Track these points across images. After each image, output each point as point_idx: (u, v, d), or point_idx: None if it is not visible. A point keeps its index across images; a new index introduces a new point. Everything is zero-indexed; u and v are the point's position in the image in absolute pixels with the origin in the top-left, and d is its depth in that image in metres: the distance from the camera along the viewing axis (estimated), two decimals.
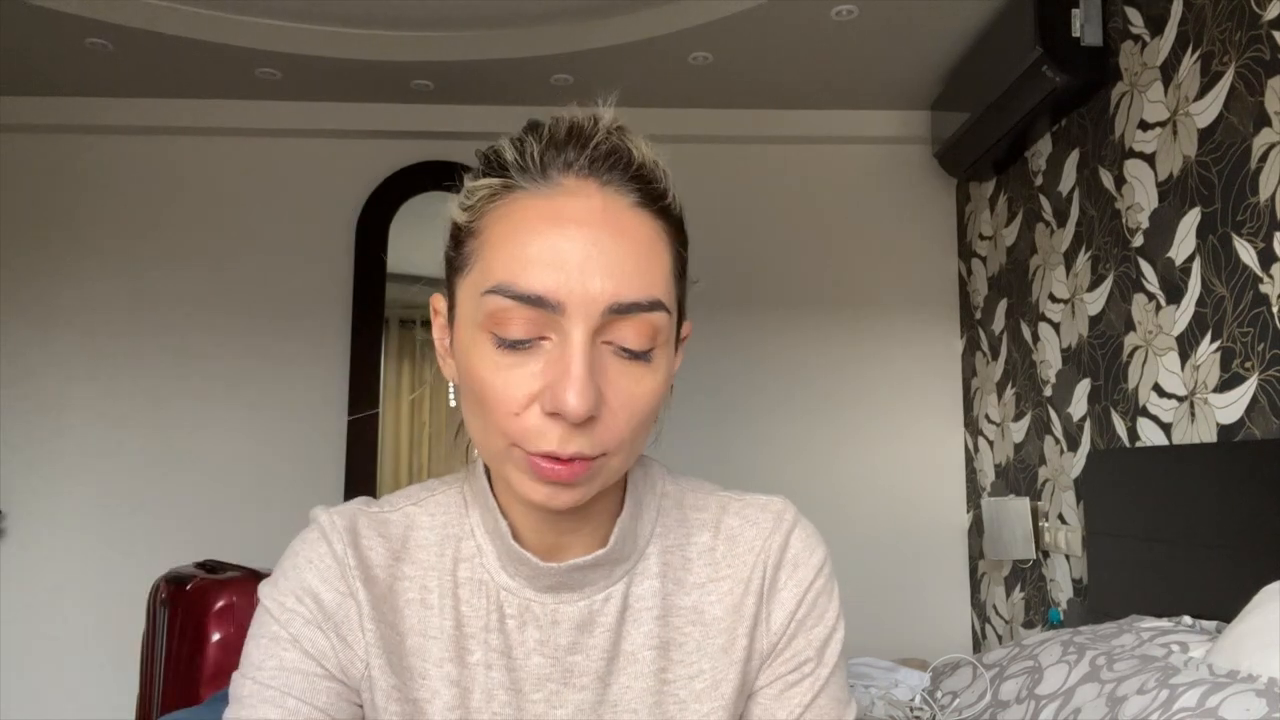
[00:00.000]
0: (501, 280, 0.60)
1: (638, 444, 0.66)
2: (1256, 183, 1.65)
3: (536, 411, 0.60)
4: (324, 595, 0.69)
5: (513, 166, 0.63)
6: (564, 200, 0.61)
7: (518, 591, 0.70)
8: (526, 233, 0.60)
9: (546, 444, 0.60)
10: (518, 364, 0.60)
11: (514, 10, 2.55)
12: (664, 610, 0.72)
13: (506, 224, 0.62)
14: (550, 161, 0.62)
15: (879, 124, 3.10)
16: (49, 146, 3.06)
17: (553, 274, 0.59)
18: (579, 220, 0.60)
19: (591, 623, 0.70)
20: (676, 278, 0.67)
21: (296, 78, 2.85)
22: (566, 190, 0.61)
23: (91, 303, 3.02)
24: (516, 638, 0.69)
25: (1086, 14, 2.16)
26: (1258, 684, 1.11)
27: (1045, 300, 2.51)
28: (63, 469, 2.96)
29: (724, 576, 0.74)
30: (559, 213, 0.60)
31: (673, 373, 0.68)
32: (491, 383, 0.61)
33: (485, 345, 0.61)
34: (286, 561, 0.71)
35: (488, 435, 0.63)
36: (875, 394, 3.08)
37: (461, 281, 0.65)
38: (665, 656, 0.71)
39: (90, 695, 2.85)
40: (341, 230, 3.09)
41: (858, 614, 3.00)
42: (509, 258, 0.60)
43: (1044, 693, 1.44)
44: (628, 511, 0.72)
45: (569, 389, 0.58)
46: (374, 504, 0.75)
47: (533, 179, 0.62)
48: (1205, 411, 1.80)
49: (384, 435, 3.02)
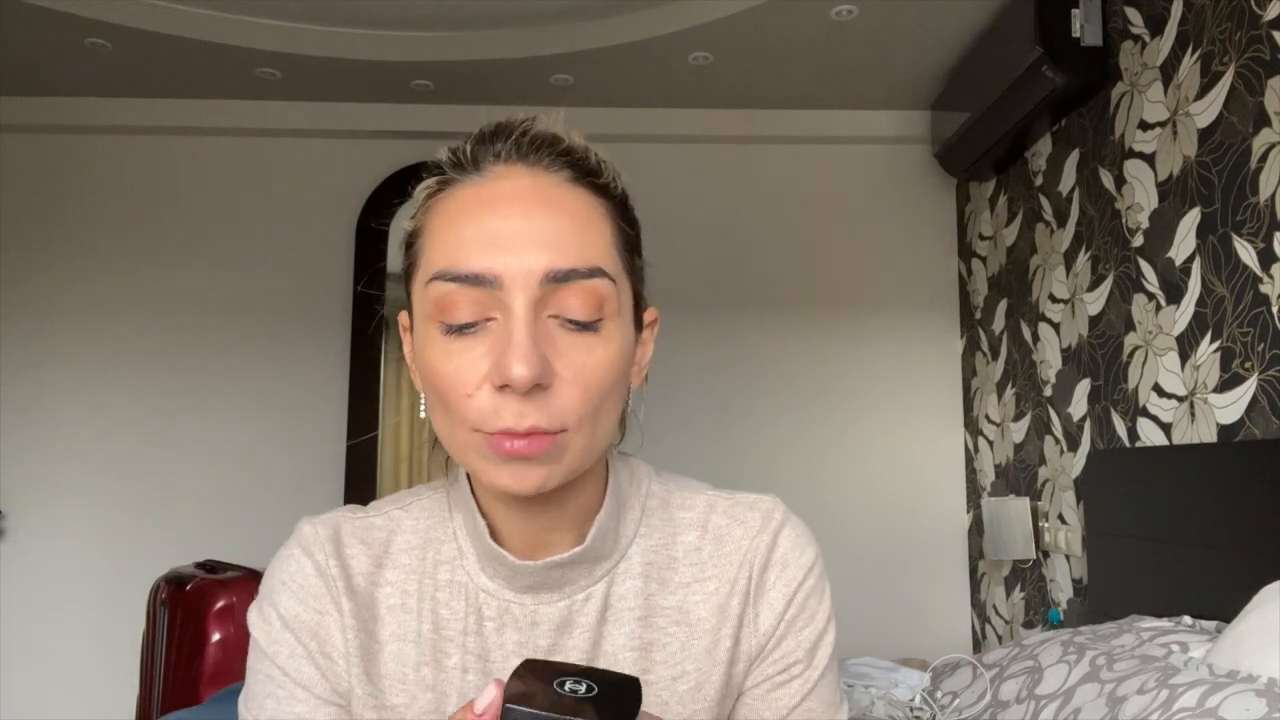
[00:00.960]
0: (442, 266, 0.62)
1: (601, 422, 0.64)
2: (1256, 183, 1.65)
3: (488, 390, 0.61)
4: (303, 616, 0.69)
5: (448, 165, 0.66)
6: (494, 184, 0.63)
7: (496, 593, 0.70)
8: (461, 218, 0.63)
9: (501, 421, 0.60)
10: (466, 349, 0.61)
11: (514, 10, 2.55)
12: (646, 611, 0.71)
13: (443, 216, 0.64)
14: (481, 154, 0.65)
15: (879, 124, 3.10)
16: (49, 146, 3.06)
17: (488, 252, 0.61)
18: (509, 198, 0.62)
19: (571, 623, 0.70)
20: (622, 251, 0.66)
21: (296, 78, 2.85)
22: (496, 175, 0.64)
23: (91, 302, 3.02)
24: (494, 640, 0.69)
25: (1086, 14, 2.16)
26: (1258, 684, 1.11)
27: (1045, 300, 2.51)
28: (63, 469, 2.96)
29: (710, 576, 0.73)
30: (490, 195, 0.63)
31: (633, 352, 0.67)
32: (443, 370, 0.62)
33: (435, 336, 0.62)
34: (266, 584, 0.71)
35: (451, 428, 0.64)
36: (875, 394, 3.08)
37: (413, 285, 0.66)
38: (647, 658, 0.71)
39: (90, 695, 2.85)
40: (341, 230, 3.09)
41: (858, 614, 3.01)
42: (446, 244, 0.62)
43: (1044, 693, 1.44)
44: (606, 509, 0.71)
45: (512, 356, 0.58)
46: (359, 510, 0.75)
47: (465, 171, 0.65)
48: (1205, 411, 1.80)
49: (384, 435, 3.02)
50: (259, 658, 0.69)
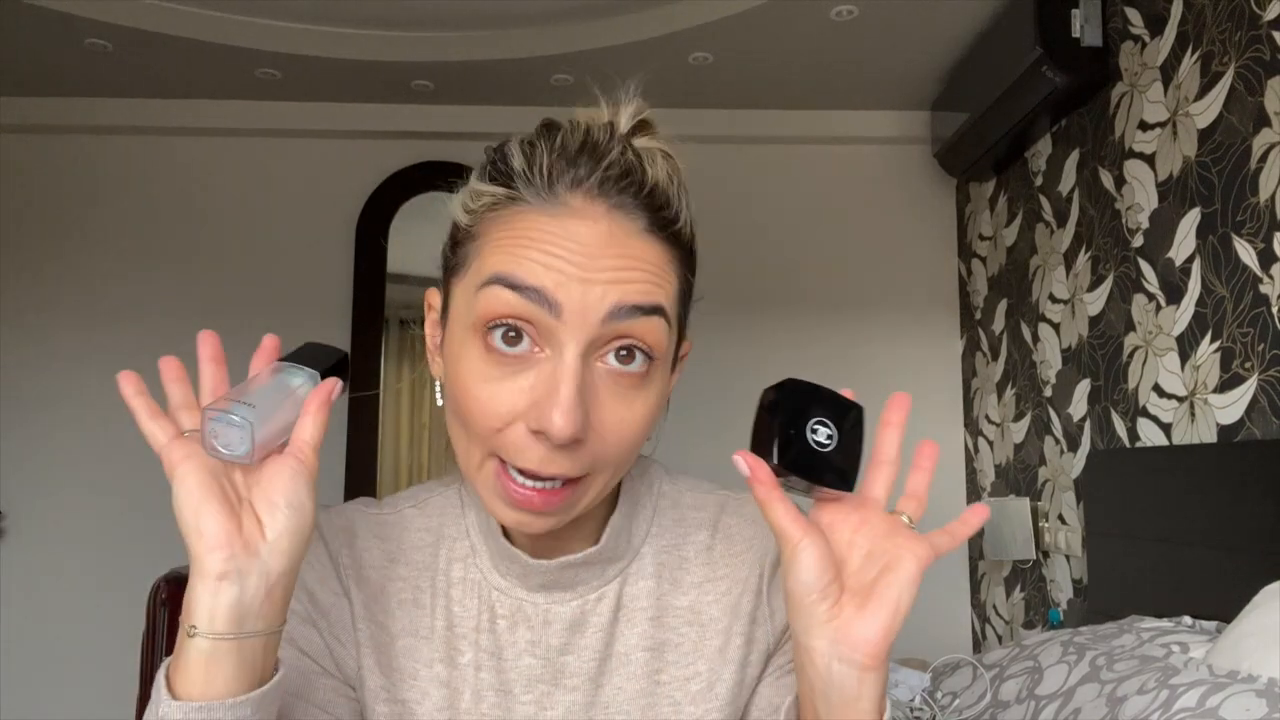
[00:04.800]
0: (500, 271, 0.58)
1: (624, 463, 0.64)
2: (1256, 183, 1.65)
3: (521, 429, 0.59)
4: (319, 594, 0.69)
5: (519, 177, 0.60)
6: (569, 220, 0.59)
7: (509, 591, 0.70)
8: (531, 235, 0.59)
9: (526, 461, 0.59)
10: (506, 376, 0.59)
11: (514, 10, 2.55)
12: (659, 611, 0.71)
13: (508, 228, 0.60)
14: (558, 177, 0.60)
15: (879, 124, 3.09)
16: (49, 146, 3.06)
17: (553, 274, 0.58)
18: (583, 240, 0.59)
19: (584, 623, 0.70)
20: (681, 299, 0.66)
21: (296, 78, 2.84)
22: (573, 210, 0.59)
23: (91, 302, 3.02)
24: (507, 638, 0.69)
25: (1086, 14, 2.16)
26: (1258, 684, 1.11)
27: (1045, 300, 2.51)
28: (63, 469, 2.96)
29: (721, 576, 0.73)
30: (562, 232, 0.59)
31: (668, 391, 0.67)
32: (477, 394, 0.59)
33: (474, 351, 0.59)
34: None
35: (468, 447, 0.62)
36: (875, 394, 3.06)
37: (457, 283, 0.64)
38: (660, 658, 0.71)
39: (90, 695, 2.85)
40: (341, 230, 3.09)
41: None
42: (510, 255, 0.59)
43: (1044, 693, 1.44)
44: (620, 511, 0.71)
45: (556, 409, 0.56)
46: (374, 505, 0.75)
47: (538, 193, 0.60)
48: (1205, 412, 1.80)
49: (384, 435, 3.02)
50: None
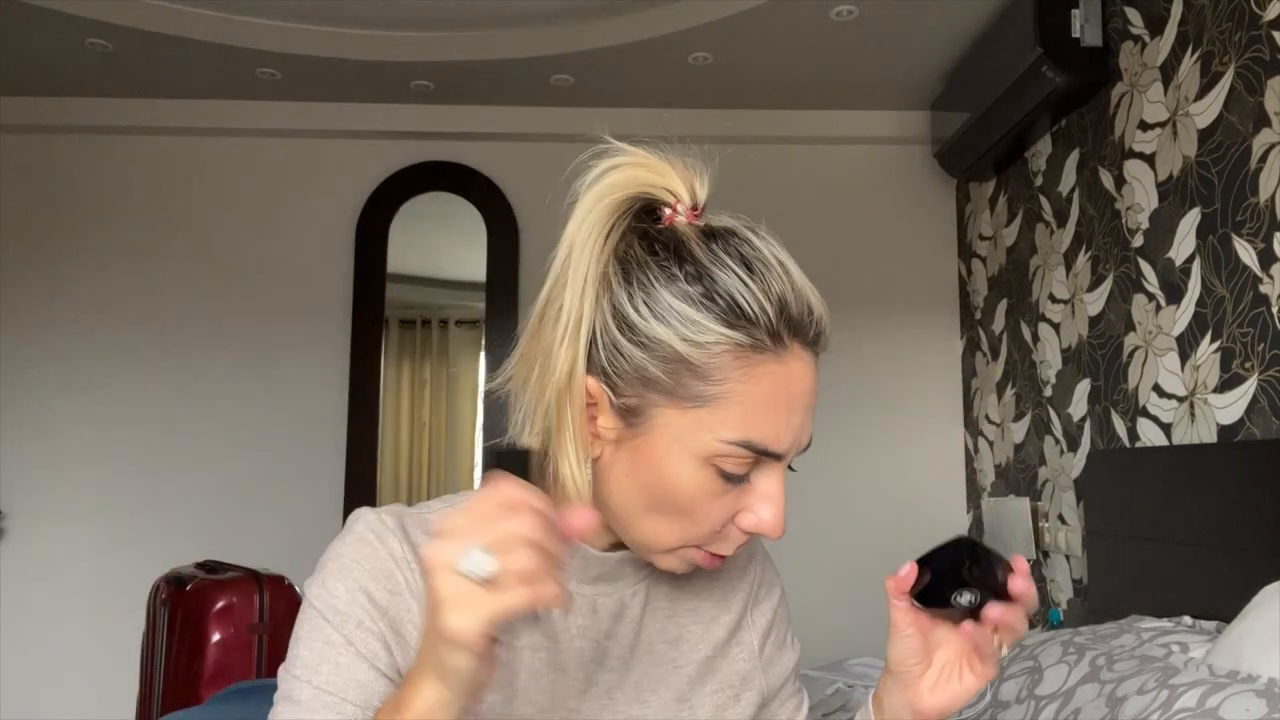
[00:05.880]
0: (750, 438, 0.67)
1: None
2: (1256, 183, 1.65)
3: (734, 529, 0.71)
4: (377, 594, 0.69)
5: (763, 328, 0.68)
6: (791, 371, 0.69)
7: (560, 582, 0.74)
8: (772, 401, 0.68)
9: (729, 549, 0.72)
10: (728, 492, 0.69)
11: (514, 10, 2.55)
12: (673, 610, 0.81)
13: (751, 384, 0.67)
14: (786, 335, 0.70)
15: (879, 124, 3.10)
16: (49, 146, 3.06)
17: (785, 438, 0.69)
18: (802, 392, 0.71)
19: (622, 614, 0.77)
20: None
21: (296, 78, 2.84)
22: (793, 356, 0.70)
23: (91, 302, 3.02)
24: (561, 624, 0.75)
25: (1086, 14, 2.16)
26: (1258, 684, 1.11)
27: (1045, 300, 2.51)
28: (63, 469, 2.96)
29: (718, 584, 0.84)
30: (788, 387, 0.69)
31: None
32: (707, 508, 0.69)
33: (701, 474, 0.68)
34: (333, 562, 0.70)
35: (669, 532, 0.71)
36: (875, 394, 3.08)
37: (670, 405, 0.68)
38: (676, 649, 0.80)
39: (90, 695, 2.85)
40: (341, 230, 3.09)
41: (858, 614, 3.00)
42: (757, 420, 0.68)
43: (1044, 693, 1.44)
44: None
45: (775, 523, 0.70)
46: (411, 508, 0.76)
47: (771, 344, 0.68)
48: (1205, 411, 1.80)
49: (384, 435, 3.02)
50: (319, 625, 0.68)
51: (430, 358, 3.16)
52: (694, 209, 0.73)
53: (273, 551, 2.89)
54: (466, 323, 3.18)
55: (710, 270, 0.68)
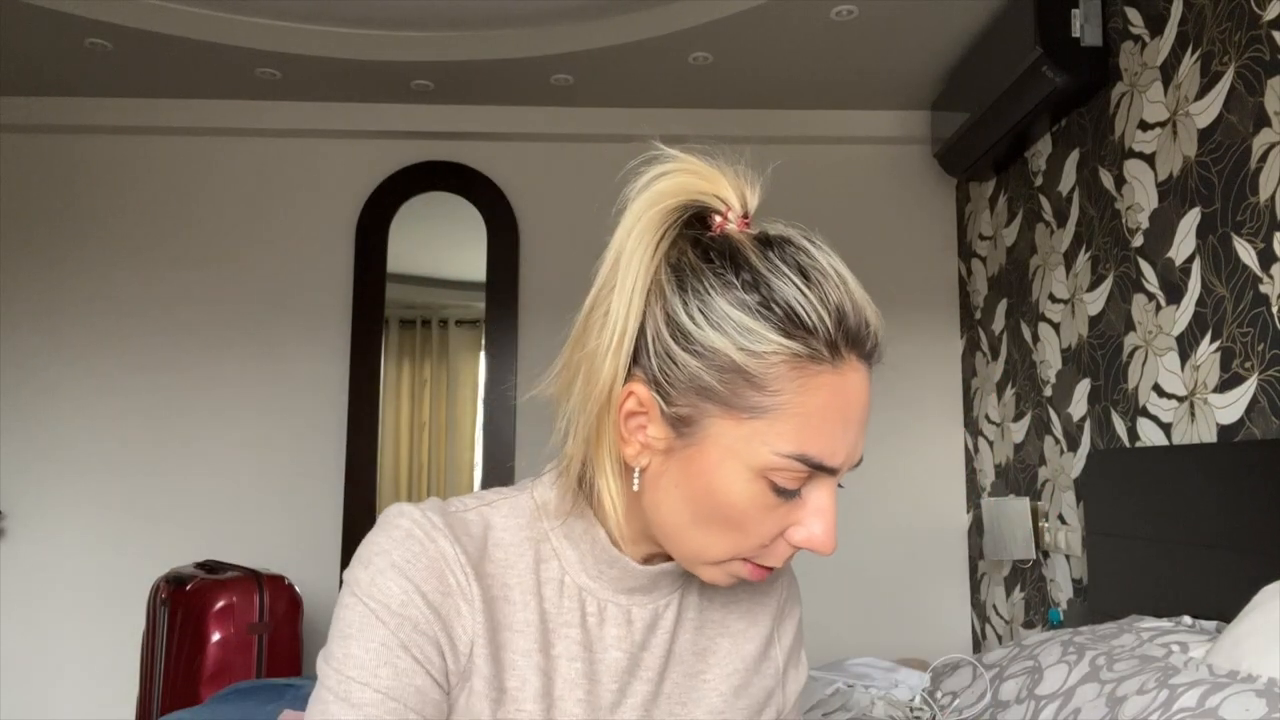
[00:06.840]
0: (806, 452, 0.66)
1: None
2: (1256, 183, 1.65)
3: (783, 542, 0.70)
4: (431, 595, 0.68)
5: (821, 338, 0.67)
6: (848, 384, 0.68)
7: (596, 592, 0.75)
8: (828, 413, 0.67)
9: (775, 561, 0.71)
10: (780, 505, 0.68)
11: (514, 10, 2.55)
12: (701, 622, 0.81)
13: (807, 395, 0.66)
14: (844, 348, 0.69)
15: (879, 124, 3.10)
16: (49, 146, 3.07)
17: (842, 451, 0.68)
18: (857, 404, 0.70)
19: (656, 625, 0.77)
20: None
21: (296, 78, 2.85)
22: (849, 368, 0.69)
23: (91, 302, 3.02)
24: (597, 633, 0.74)
25: (1086, 14, 2.16)
26: (1257, 684, 1.11)
27: (1045, 300, 2.51)
28: (63, 469, 2.96)
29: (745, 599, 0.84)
30: (844, 399, 0.68)
31: None
32: (757, 521, 0.68)
33: (753, 487, 0.67)
34: (381, 557, 0.68)
35: (717, 544, 0.69)
36: (875, 393, 3.07)
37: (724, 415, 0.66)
38: (703, 661, 0.80)
39: (90, 695, 2.86)
40: (341, 230, 3.09)
41: (858, 614, 3.01)
42: (814, 433, 0.67)
43: (1044, 693, 1.44)
44: None
45: (828, 535, 0.69)
46: (446, 504, 0.75)
47: (828, 354, 0.67)
48: (1205, 411, 1.80)
49: (384, 435, 3.02)
50: (372, 626, 0.67)
51: (430, 358, 3.16)
52: (744, 217, 0.72)
53: (273, 551, 2.90)
54: (466, 323, 3.18)
55: (767, 278, 0.67)
